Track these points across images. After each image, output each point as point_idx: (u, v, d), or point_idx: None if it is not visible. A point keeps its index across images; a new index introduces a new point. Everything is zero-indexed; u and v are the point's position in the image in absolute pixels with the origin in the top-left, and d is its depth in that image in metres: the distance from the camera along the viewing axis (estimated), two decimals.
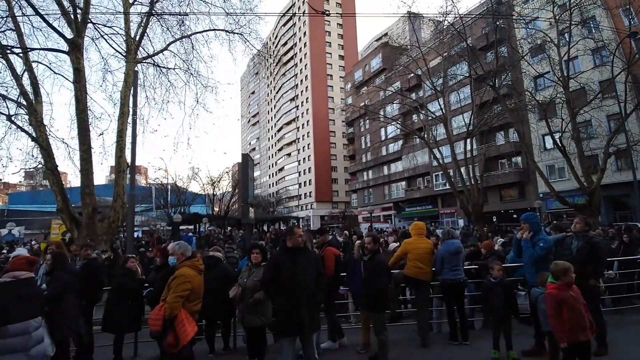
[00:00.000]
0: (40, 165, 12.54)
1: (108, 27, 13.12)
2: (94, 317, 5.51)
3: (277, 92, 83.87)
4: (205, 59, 14.68)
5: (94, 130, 12.40)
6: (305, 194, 70.64)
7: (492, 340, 4.93)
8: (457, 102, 27.74)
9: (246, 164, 9.96)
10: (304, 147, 71.81)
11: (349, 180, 62.66)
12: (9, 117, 11.61)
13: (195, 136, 73.67)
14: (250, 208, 9.76)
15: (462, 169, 19.61)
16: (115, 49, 13.44)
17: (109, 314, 4.99)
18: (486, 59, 23.76)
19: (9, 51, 11.37)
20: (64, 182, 12.73)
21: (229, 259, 6.89)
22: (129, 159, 12.31)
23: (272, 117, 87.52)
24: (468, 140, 19.39)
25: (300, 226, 38.30)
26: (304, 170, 71.22)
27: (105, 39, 13.25)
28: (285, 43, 78.86)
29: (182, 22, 13.79)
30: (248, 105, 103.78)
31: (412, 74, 25.01)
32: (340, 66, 72.40)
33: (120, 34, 13.08)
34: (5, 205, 41.33)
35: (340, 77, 69.95)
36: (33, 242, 19.31)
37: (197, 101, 14.82)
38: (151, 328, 3.44)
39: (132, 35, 12.93)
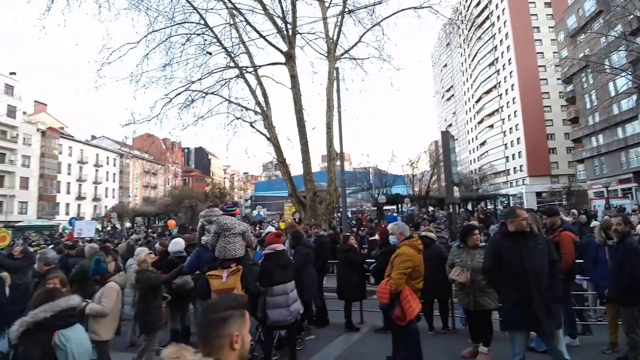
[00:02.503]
0: (273, 159, 15.43)
1: (311, 34, 14.89)
2: (324, 286, 6.49)
3: (472, 60, 76.54)
4: (396, 41, 14.76)
5: (308, 125, 14.33)
6: (514, 168, 62.40)
7: None
8: None
9: (447, 142, 9.51)
10: (509, 116, 63.19)
11: (571, 148, 51.50)
12: (251, 124, 14.80)
13: (392, 119, 74.87)
14: (455, 187, 9.30)
15: None
16: (318, 52, 15.15)
17: (340, 284, 5.77)
18: None
19: (244, 71, 14.37)
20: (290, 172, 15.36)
21: (438, 239, 6.77)
22: (337, 148, 13.81)
23: (468, 88, 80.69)
24: None
25: (512, 204, 34.14)
26: (512, 141, 62.78)
27: (310, 45, 15.12)
28: (479, 2, 70.73)
29: (372, 11, 14.22)
30: (441, 80, 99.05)
31: (631, 15, 18.16)
32: (547, 15, 59.28)
33: (321, 37, 14.60)
34: (253, 192, 53.75)
35: (549, 27, 57.56)
36: (273, 221, 24.27)
37: (391, 85, 15.01)
38: (380, 300, 3.75)
39: (331, 35, 14.19)
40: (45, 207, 48.33)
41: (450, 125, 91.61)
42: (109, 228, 30.70)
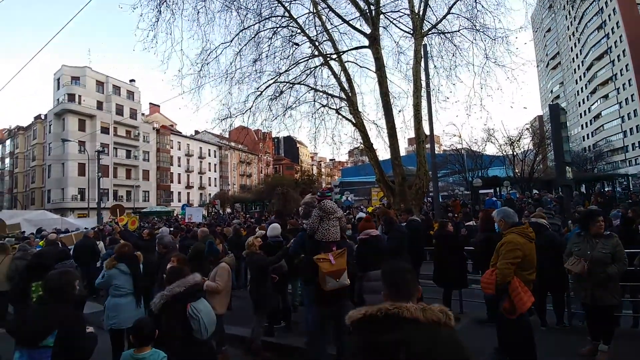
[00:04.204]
0: (360, 145, 15.39)
1: (395, 12, 14.30)
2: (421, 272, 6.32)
3: (578, 23, 66.29)
4: (490, 8, 13.14)
5: (394, 108, 13.94)
6: (633, 144, 53.11)
7: None
8: None
9: (557, 116, 8.50)
10: (624, 85, 53.68)
11: None
12: (336, 110, 14.91)
13: (488, 95, 68.36)
14: (567, 166, 8.34)
15: None
16: (404, 30, 14.52)
17: (438, 271, 5.58)
18: None
19: (328, 58, 14.44)
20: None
21: (550, 226, 6.10)
22: (426, 130, 13.20)
23: (577, 54, 70.02)
24: None
25: (632, 186, 29.19)
26: (628, 113, 53.41)
27: (394, 24, 14.57)
28: None
29: None
30: (544, 47, 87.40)
31: None
32: None
33: (406, 14, 13.94)
34: (340, 178, 54.65)
35: None
36: (361, 207, 24.39)
37: (487, 57, 13.67)
38: (484, 291, 3.53)
39: (416, 11, 13.46)
40: (162, 195, 55.60)
41: (558, 97, 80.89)
42: (213, 213, 34.04)
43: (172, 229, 13.31)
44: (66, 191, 44.83)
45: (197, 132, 70.02)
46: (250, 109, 14.43)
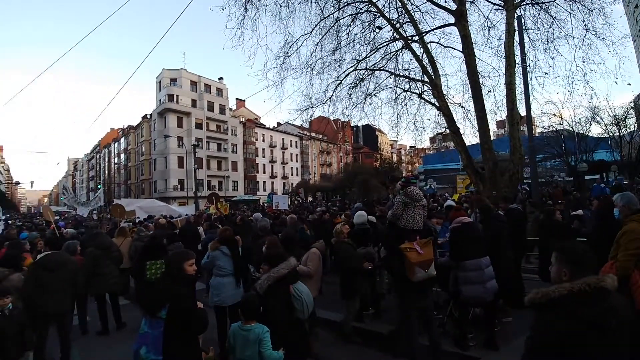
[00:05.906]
0: (444, 130, 14.59)
1: None
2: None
3: None
4: None
5: (484, 88, 12.90)
6: None
7: None
8: None
9: None
10: None
11: None
12: (419, 95, 14.30)
13: (591, 70, 59.79)
14: None
15: None
16: (493, 3, 13.27)
17: (544, 263, 5.12)
18: None
19: (410, 40, 13.83)
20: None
21: None
22: (521, 111, 11.99)
23: None
24: None
25: None
26: None
27: None
28: None
29: None
30: (635, 22, 73.84)
31: None
32: None
33: None
34: (421, 166, 52.74)
35: None
36: (446, 195, 23.27)
37: (586, 29, 11.91)
38: None
39: None
40: (249, 185, 59.42)
41: None
42: (296, 202, 35.39)
43: (261, 215, 14.17)
44: (169, 182, 50.36)
45: (279, 123, 73.03)
46: (330, 98, 14.50)
